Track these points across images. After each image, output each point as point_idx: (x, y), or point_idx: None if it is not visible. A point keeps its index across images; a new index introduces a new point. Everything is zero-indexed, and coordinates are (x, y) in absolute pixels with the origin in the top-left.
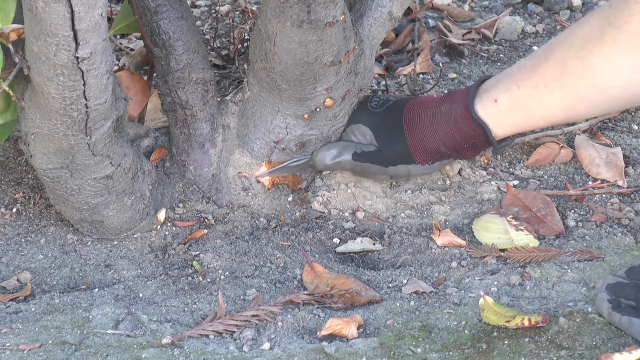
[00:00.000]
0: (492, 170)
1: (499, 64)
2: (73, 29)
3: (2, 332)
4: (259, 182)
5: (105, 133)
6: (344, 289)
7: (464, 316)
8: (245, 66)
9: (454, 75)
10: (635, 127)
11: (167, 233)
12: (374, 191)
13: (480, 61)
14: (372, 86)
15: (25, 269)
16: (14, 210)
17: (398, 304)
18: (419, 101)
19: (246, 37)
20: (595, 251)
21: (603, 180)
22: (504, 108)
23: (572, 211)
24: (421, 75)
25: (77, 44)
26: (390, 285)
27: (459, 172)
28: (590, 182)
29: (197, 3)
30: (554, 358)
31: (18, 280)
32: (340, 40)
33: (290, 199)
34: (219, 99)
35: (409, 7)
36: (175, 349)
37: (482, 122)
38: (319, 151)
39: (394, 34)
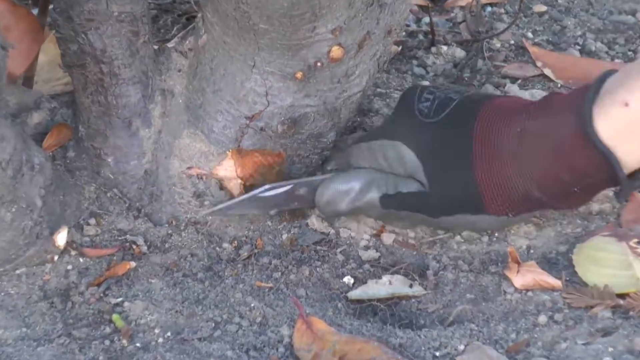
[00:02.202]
0: None
1: None
2: None
3: None
4: (222, 185)
5: None
6: (362, 359)
7: None
8: None
9: (543, 9)
10: None
11: (70, 268)
12: None
13: None
14: (407, 26)
15: None
16: None
17: None
18: (498, 106)
19: None
20: None
21: None
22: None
23: None
24: (489, 8)
25: None
26: (437, 353)
27: None
28: None
29: None
30: None
31: None
32: None
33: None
34: (155, 47)
35: None
36: None
37: (607, 149)
38: (326, 186)
39: None
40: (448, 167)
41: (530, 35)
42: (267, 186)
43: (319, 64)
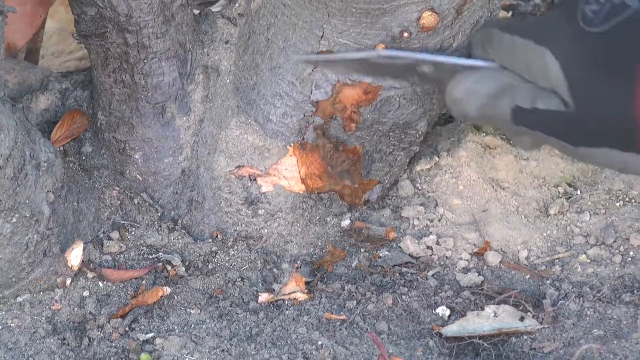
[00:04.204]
0: None
1: None
2: None
3: None
4: (282, 187)
5: None
6: None
7: None
8: None
9: None
10: None
11: (86, 294)
12: (520, 210)
13: None
14: None
15: None
16: None
17: None
18: None
19: None
20: None
21: None
22: None
23: None
24: None
25: None
26: None
27: None
28: None
29: None
30: None
31: None
32: None
33: (345, 223)
34: (196, 12)
35: None
36: None
37: None
38: (456, 83)
39: None
40: (602, 87)
41: None
42: (381, 51)
43: (405, 34)
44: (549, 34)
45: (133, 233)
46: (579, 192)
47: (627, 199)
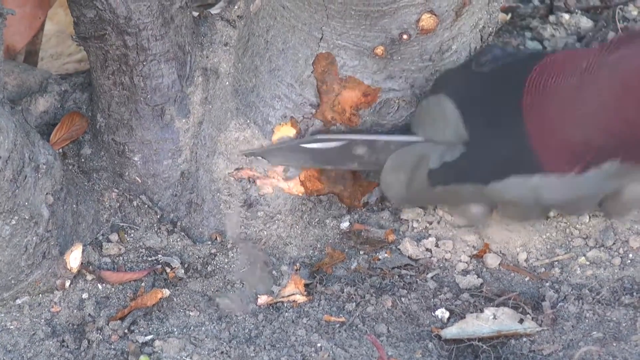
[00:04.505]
0: None
1: None
2: None
3: None
4: (281, 189)
5: None
6: None
7: None
8: None
9: None
10: None
11: (85, 296)
12: None
13: None
14: None
15: None
16: None
17: None
18: (561, 56)
19: None
20: None
21: None
22: None
23: None
24: None
25: None
26: None
27: None
28: None
29: None
30: None
31: None
32: None
33: (344, 225)
34: (195, 14)
35: None
36: None
37: None
38: (383, 178)
39: None
40: (493, 117)
41: None
42: (315, 136)
43: (405, 36)
44: (446, 83)
45: (132, 235)
46: None
47: None
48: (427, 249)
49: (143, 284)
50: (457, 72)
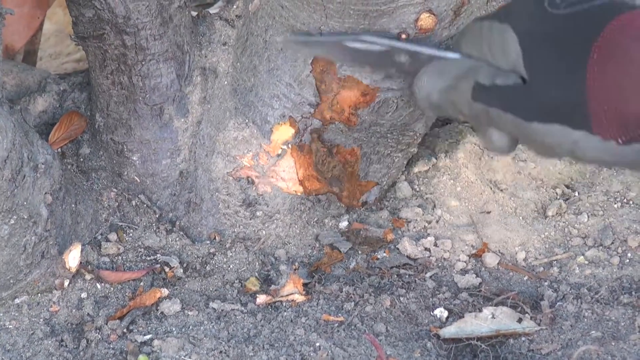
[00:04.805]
0: None
1: None
2: None
3: None
4: (280, 189)
5: None
6: None
7: None
8: None
9: None
10: None
11: (84, 296)
12: (518, 212)
13: None
14: None
15: None
16: None
17: None
18: (638, 18)
19: None
20: None
21: None
22: None
23: None
24: None
25: None
26: None
27: None
28: None
29: None
30: None
31: None
32: None
33: (343, 224)
34: (194, 14)
35: None
36: None
37: None
38: (420, 79)
39: None
40: (556, 63)
41: None
42: (359, 36)
43: (403, 35)
44: (513, 14)
45: (131, 235)
46: (576, 194)
47: (625, 200)
48: (425, 249)
49: (142, 284)
50: (528, 6)
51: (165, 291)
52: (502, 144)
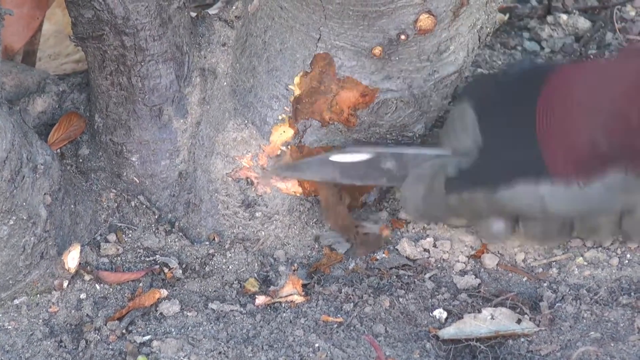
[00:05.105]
0: None
1: None
2: None
3: None
4: (279, 190)
5: None
6: None
7: None
8: None
9: None
10: None
11: (83, 297)
12: None
13: None
14: None
15: None
16: None
17: None
18: (578, 66)
19: None
20: None
21: None
22: None
23: None
24: None
25: None
26: None
27: None
28: None
29: None
30: None
31: None
32: None
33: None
34: (193, 15)
35: None
36: None
37: None
38: (403, 195)
39: None
40: (506, 123)
41: None
42: (344, 148)
43: (402, 36)
44: (471, 90)
45: (130, 235)
46: None
47: None
48: (425, 249)
49: (141, 284)
50: (482, 80)
51: (164, 292)
52: (500, 231)
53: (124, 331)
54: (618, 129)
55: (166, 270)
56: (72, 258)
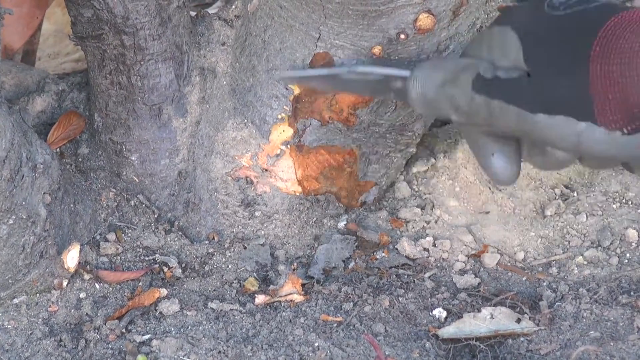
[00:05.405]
0: None
1: None
2: None
3: None
4: (279, 189)
5: None
6: None
7: None
8: None
9: None
10: None
11: (83, 296)
12: (517, 212)
13: None
14: None
15: None
16: None
17: None
18: (637, 15)
19: None
20: None
21: None
22: None
23: None
24: None
25: None
26: None
27: None
28: None
29: None
30: None
31: None
32: None
33: (341, 224)
34: (192, 14)
35: None
36: None
37: None
38: (418, 69)
39: None
40: (556, 56)
41: None
42: (351, 68)
43: (402, 36)
44: (513, 16)
45: (129, 235)
46: (575, 194)
47: (623, 200)
48: (424, 249)
49: (140, 284)
50: (527, 10)
51: (164, 291)
52: (506, 171)
53: (123, 330)
54: None
55: (166, 269)
56: (71, 257)
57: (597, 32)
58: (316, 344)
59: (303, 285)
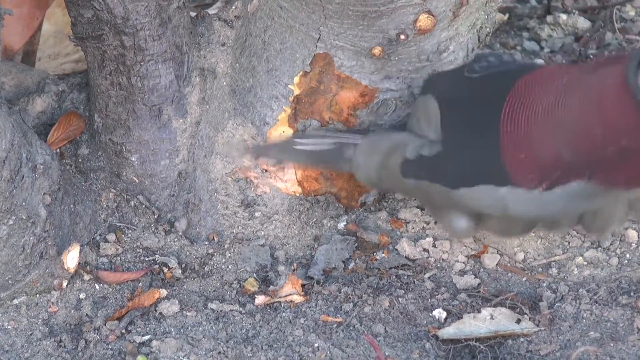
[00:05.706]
0: None
1: None
2: None
3: None
4: (279, 190)
5: None
6: None
7: None
8: None
9: None
10: None
11: (82, 296)
12: None
13: None
14: None
15: None
16: None
17: None
18: (545, 72)
19: None
20: None
21: None
22: None
23: None
24: None
25: None
26: None
27: None
28: None
29: None
30: None
31: None
32: None
33: (341, 225)
34: (192, 14)
35: None
36: None
37: None
38: (357, 154)
39: None
40: (470, 123)
41: None
42: (306, 139)
43: (402, 36)
44: (437, 85)
45: (129, 235)
46: None
47: None
48: (424, 249)
49: (140, 284)
50: (447, 74)
51: (163, 292)
52: (462, 228)
53: (123, 331)
54: (582, 145)
55: (165, 270)
56: (71, 258)
57: (507, 94)
58: (316, 345)
59: (303, 285)
